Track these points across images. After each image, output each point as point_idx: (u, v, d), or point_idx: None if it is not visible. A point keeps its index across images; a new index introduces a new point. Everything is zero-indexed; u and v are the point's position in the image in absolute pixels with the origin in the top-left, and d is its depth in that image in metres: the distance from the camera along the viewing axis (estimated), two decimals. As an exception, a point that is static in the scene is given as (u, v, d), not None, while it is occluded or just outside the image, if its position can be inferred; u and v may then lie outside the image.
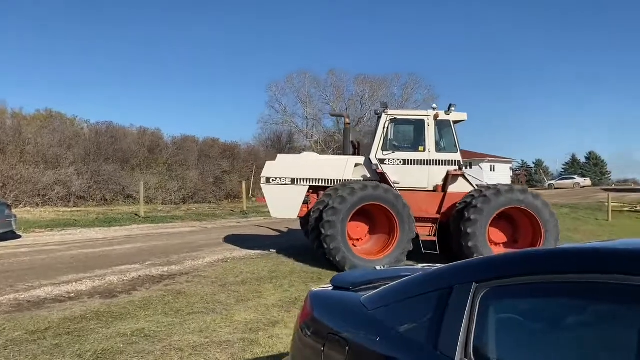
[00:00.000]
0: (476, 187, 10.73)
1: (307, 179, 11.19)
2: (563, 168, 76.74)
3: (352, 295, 2.54)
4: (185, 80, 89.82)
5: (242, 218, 22.42)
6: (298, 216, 11.41)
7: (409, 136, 11.53)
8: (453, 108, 10.93)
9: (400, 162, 10.85)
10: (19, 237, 14.54)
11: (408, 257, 10.17)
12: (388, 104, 11.40)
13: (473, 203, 9.85)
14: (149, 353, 5.22)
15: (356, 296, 2.47)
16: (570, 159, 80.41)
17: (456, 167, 10.82)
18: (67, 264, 10.35)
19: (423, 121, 10.93)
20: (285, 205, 11.10)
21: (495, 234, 10.23)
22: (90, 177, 24.80)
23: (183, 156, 31.59)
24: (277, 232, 17.12)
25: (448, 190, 10.76)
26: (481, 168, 40.29)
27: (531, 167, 71.39)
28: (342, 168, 11.20)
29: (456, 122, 11.17)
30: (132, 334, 5.79)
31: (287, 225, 17.96)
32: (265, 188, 11.26)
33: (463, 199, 10.38)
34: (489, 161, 52.27)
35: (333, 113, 14.29)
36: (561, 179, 59.07)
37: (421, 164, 10.87)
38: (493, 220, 9.92)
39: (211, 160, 33.04)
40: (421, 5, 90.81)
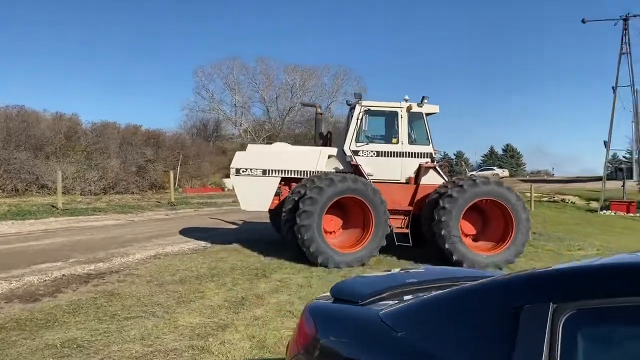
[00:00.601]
0: (447, 180, 10.76)
1: (279, 170, 10.91)
2: (482, 159, 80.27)
3: (365, 310, 2.13)
4: (103, 63, 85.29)
5: (171, 210, 21.40)
6: (269, 209, 11.13)
7: (383, 128, 11.42)
8: (426, 100, 10.90)
9: (373, 154, 10.76)
10: None
11: (381, 251, 10.04)
12: (361, 95, 11.12)
13: (448, 192, 9.77)
14: (86, 368, 4.60)
15: (371, 312, 2.07)
16: (488, 151, 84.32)
17: (428, 160, 10.81)
18: (-23, 264, 9.25)
19: (396, 113, 10.83)
20: (256, 197, 10.80)
21: (465, 226, 10.22)
22: (-1, 166, 22.73)
23: (103, 144, 29.77)
24: (212, 225, 16.40)
25: (420, 182, 10.72)
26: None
27: (452, 159, 74.01)
28: (315, 159, 10.99)
29: (428, 115, 11.11)
30: (63, 346, 5.10)
31: (232, 217, 17.29)
32: (234, 180, 10.98)
33: (437, 190, 10.35)
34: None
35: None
36: (481, 170, 61.54)
37: (394, 156, 10.80)
38: (464, 211, 9.91)
39: (134, 148, 31.41)
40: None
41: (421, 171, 10.70)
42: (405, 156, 10.78)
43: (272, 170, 10.87)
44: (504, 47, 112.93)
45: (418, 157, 10.78)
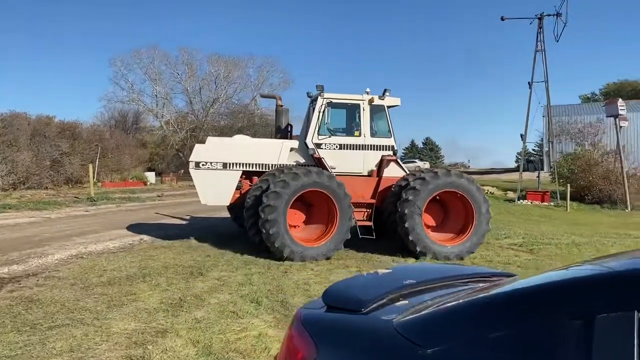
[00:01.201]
0: (408, 173, 10.82)
1: (240, 164, 10.62)
2: (403, 152, 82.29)
3: (374, 321, 1.81)
4: (9, 50, 79.26)
5: (91, 206, 20.07)
6: (230, 203, 10.82)
7: (345, 120, 11.29)
8: (387, 93, 10.85)
9: (336, 147, 10.63)
10: None
11: (344, 244, 9.85)
12: (324, 88, 10.70)
13: (411, 184, 9.78)
14: (6, 389, 4.02)
15: (382, 322, 1.76)
16: (410, 144, 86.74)
17: (390, 153, 10.79)
18: None
19: (358, 105, 10.73)
20: (216, 191, 10.47)
21: (426, 217, 10.24)
22: None
23: (12, 135, 27.47)
24: (138, 221, 15.51)
25: (383, 175, 10.68)
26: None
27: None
28: (277, 152, 10.76)
29: (390, 107, 11.04)
30: (-23, 363, 4.46)
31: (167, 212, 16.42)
32: (194, 173, 10.55)
33: (399, 182, 10.36)
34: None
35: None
36: (404, 163, 62.99)
37: (357, 149, 10.71)
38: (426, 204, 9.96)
39: (47, 140, 29.27)
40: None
41: (383, 164, 10.68)
42: (367, 149, 10.72)
43: (233, 163, 10.59)
44: (424, 43, 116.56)
45: (380, 150, 10.76)
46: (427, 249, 9.62)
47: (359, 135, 10.71)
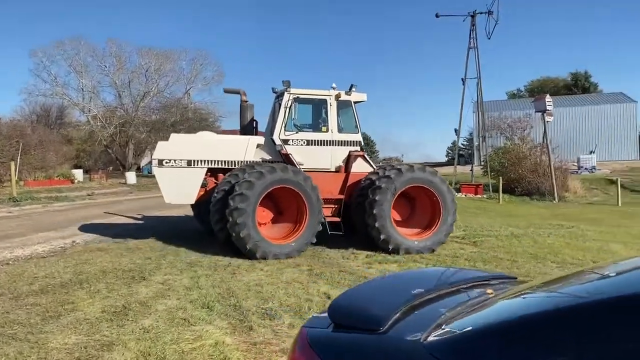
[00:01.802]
0: (376, 168, 10.80)
1: (205, 161, 10.37)
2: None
3: (398, 342, 1.56)
4: None
5: (14, 206, 18.69)
6: (196, 201, 10.54)
7: (312, 116, 11.18)
8: (354, 88, 10.80)
9: (303, 143, 10.47)
10: None
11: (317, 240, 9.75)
12: (290, 82, 10.52)
13: (377, 184, 9.76)
14: None
15: (409, 344, 1.51)
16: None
17: (357, 148, 10.75)
18: None
19: (325, 101, 10.63)
20: (181, 189, 10.20)
21: (393, 213, 10.19)
22: None
23: None
24: (67, 222, 14.56)
25: (351, 170, 10.65)
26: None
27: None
28: (244, 149, 10.57)
29: (356, 103, 11.01)
30: None
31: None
32: (157, 171, 10.27)
33: (367, 177, 10.33)
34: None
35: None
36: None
37: (324, 145, 10.60)
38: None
39: (-39, 136, 27.17)
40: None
41: (351, 159, 10.64)
42: (335, 145, 10.64)
43: (198, 160, 10.32)
44: (360, 38, 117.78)
45: (348, 146, 10.71)
46: (397, 244, 9.68)
47: (327, 131, 10.63)
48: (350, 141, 10.74)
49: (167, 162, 10.18)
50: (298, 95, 10.50)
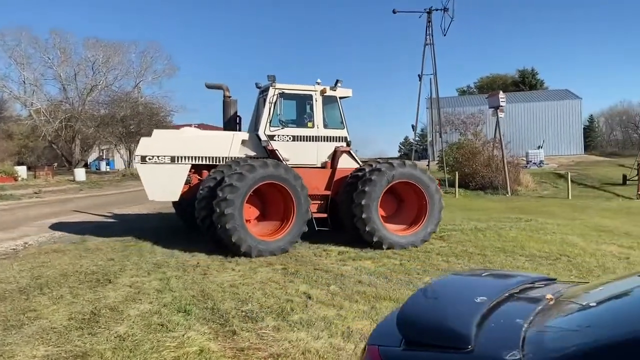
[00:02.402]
0: (361, 164, 10.74)
1: (189, 157, 10.16)
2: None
3: None
4: None
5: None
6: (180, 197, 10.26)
7: (297, 111, 11.01)
8: (339, 84, 10.71)
9: (289, 139, 10.35)
10: None
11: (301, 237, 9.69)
12: (275, 77, 10.26)
13: (367, 176, 9.75)
14: None
15: None
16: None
17: (343, 144, 10.66)
18: None
19: (311, 96, 10.54)
20: (164, 186, 9.97)
21: (380, 208, 10.15)
22: None
23: None
24: (16, 223, 13.74)
25: (337, 166, 10.58)
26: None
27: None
28: (228, 145, 10.39)
29: (342, 98, 10.92)
30: None
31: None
32: (140, 168, 10.01)
33: (354, 173, 10.29)
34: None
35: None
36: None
37: (310, 141, 10.51)
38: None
39: None
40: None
41: (337, 155, 10.56)
42: (321, 140, 10.55)
43: (182, 157, 10.10)
44: (317, 34, 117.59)
45: (333, 141, 10.64)
46: (384, 239, 9.68)
47: (312, 126, 10.55)
48: (336, 137, 10.72)
49: (150, 159, 9.93)
50: (283, 90, 10.35)
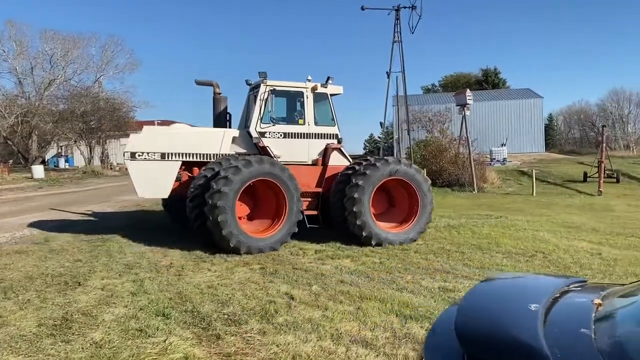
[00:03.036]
0: (352, 162, 10.70)
1: (180, 154, 10.07)
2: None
3: None
4: None
5: None
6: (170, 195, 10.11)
7: (288, 108, 10.94)
8: (330, 81, 10.73)
9: (280, 136, 10.28)
10: None
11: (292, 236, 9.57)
12: (267, 74, 10.13)
13: (361, 170, 9.77)
14: None
15: None
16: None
17: (334, 141, 10.65)
18: None
19: (302, 93, 10.52)
20: (154, 183, 9.88)
21: (372, 205, 10.10)
22: None
23: None
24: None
25: (328, 163, 10.58)
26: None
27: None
28: (219, 142, 10.34)
29: (332, 95, 10.92)
30: None
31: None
32: (130, 164, 9.86)
33: (346, 170, 10.25)
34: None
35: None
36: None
37: (301, 138, 10.47)
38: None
39: None
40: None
41: (328, 152, 10.55)
42: (312, 137, 10.52)
43: (172, 153, 10.01)
44: (287, 29, 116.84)
45: (324, 138, 10.62)
46: (373, 235, 9.66)
47: (303, 123, 10.49)
48: (327, 134, 10.67)
49: (140, 155, 9.79)
50: (274, 87, 10.25)
